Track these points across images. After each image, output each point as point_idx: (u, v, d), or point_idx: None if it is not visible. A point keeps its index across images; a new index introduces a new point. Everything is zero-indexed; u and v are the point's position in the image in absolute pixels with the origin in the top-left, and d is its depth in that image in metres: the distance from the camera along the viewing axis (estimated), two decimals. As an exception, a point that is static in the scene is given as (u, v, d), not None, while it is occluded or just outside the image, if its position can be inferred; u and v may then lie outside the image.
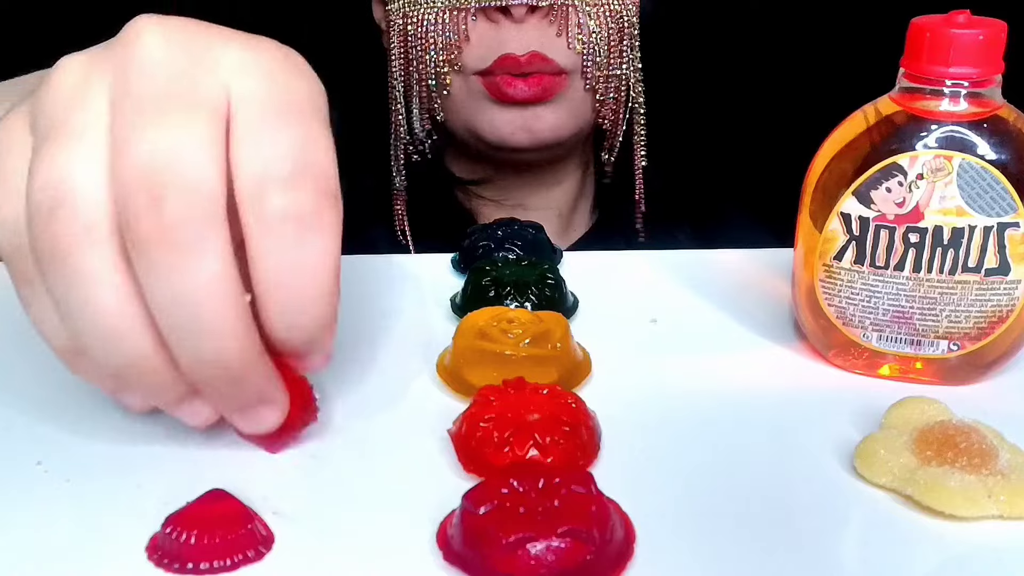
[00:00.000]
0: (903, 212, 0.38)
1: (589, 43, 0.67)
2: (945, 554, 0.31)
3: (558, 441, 0.34)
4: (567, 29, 0.66)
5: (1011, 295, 0.38)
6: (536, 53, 0.65)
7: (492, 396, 0.35)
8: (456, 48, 0.67)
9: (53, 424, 0.37)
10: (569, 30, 0.66)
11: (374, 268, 0.51)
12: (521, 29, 0.65)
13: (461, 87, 0.68)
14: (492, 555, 0.28)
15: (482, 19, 0.66)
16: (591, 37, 0.67)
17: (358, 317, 0.46)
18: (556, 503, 0.29)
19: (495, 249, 0.49)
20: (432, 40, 0.67)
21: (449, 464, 0.35)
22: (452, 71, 0.68)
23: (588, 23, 0.66)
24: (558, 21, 0.66)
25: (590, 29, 0.66)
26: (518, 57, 0.65)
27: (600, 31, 0.67)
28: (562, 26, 0.66)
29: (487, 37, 0.66)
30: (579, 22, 0.66)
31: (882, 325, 0.39)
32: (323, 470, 0.35)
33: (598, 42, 0.67)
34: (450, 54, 0.67)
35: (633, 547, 0.30)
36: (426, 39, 0.67)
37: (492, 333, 0.39)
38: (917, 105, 0.37)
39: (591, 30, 0.66)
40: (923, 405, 0.36)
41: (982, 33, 0.36)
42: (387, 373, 0.41)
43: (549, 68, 0.66)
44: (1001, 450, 0.33)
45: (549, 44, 0.66)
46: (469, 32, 0.66)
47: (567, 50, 0.66)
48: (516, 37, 0.65)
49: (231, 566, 0.30)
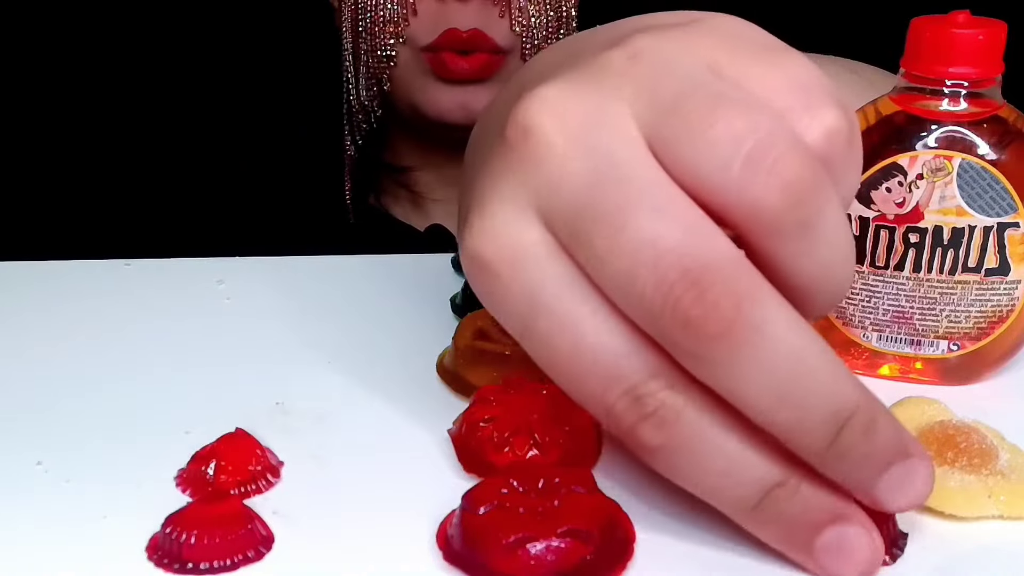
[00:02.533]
0: (903, 212, 0.38)
1: (528, 27, 0.71)
2: (945, 554, 0.31)
3: (558, 441, 0.34)
4: (509, 12, 0.70)
5: (1011, 295, 0.38)
6: (478, 31, 0.69)
7: (492, 396, 0.35)
8: (403, 21, 0.70)
9: (53, 424, 0.37)
10: (512, 13, 0.70)
11: (374, 268, 0.51)
12: (465, 9, 0.69)
13: (407, 61, 0.72)
14: (492, 555, 0.28)
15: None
16: (530, 20, 0.71)
17: (358, 317, 0.46)
18: (556, 503, 0.29)
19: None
20: (380, 13, 0.71)
21: (449, 464, 0.35)
22: (398, 44, 0.71)
23: (528, 7, 0.71)
24: (500, 3, 0.70)
25: (529, 13, 0.71)
26: (461, 33, 0.69)
27: (539, 16, 0.71)
28: (504, 8, 0.70)
29: (433, 13, 0.70)
30: (520, 6, 0.70)
31: (882, 325, 0.40)
32: (323, 470, 0.35)
33: (536, 25, 0.71)
34: (397, 27, 0.71)
35: (633, 547, 0.30)
36: (375, 12, 0.71)
37: (492, 333, 0.39)
38: (917, 105, 0.37)
39: (530, 14, 0.71)
40: (923, 405, 0.36)
41: (982, 33, 0.36)
42: (387, 373, 0.41)
43: (489, 47, 0.70)
44: (1001, 450, 0.33)
45: (491, 24, 0.70)
46: (417, 6, 0.70)
47: (508, 31, 0.70)
48: (460, 15, 0.69)
49: (231, 566, 0.30)
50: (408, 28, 0.71)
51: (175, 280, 0.49)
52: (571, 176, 0.28)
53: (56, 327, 0.45)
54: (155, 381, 0.40)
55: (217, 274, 0.49)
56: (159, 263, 0.51)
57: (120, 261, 0.51)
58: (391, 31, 0.71)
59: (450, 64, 0.70)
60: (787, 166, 0.27)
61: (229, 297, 0.48)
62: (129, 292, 0.48)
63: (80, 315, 0.46)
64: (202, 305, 0.47)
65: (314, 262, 0.51)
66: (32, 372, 0.41)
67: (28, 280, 0.49)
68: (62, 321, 0.45)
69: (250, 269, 0.50)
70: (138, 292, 0.48)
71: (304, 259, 0.51)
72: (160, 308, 0.46)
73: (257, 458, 0.34)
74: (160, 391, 0.40)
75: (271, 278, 0.49)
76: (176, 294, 0.48)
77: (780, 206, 0.27)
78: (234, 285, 0.49)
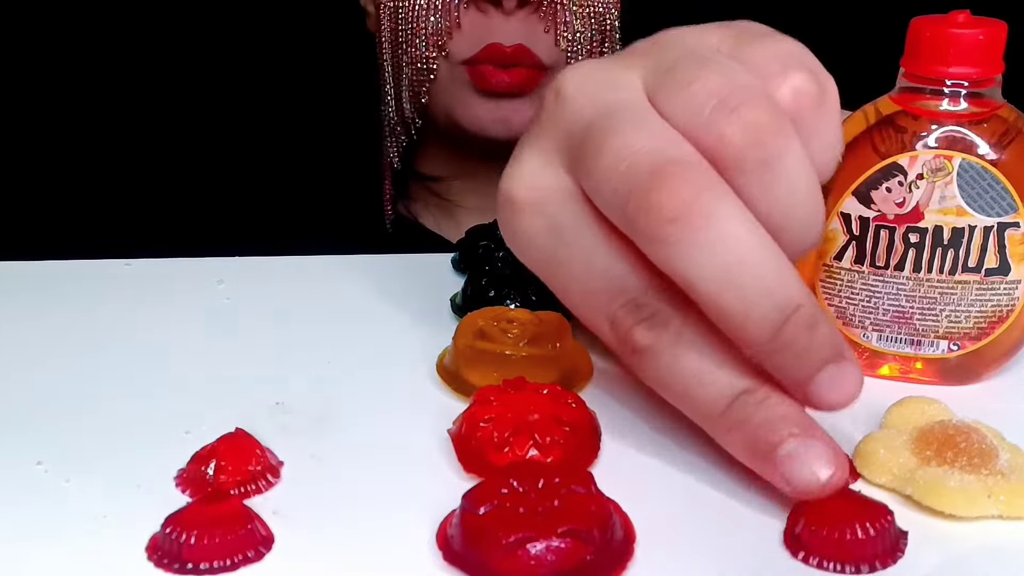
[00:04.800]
0: (903, 212, 0.38)
1: (573, 41, 0.69)
2: (945, 554, 0.31)
3: (558, 441, 0.34)
4: (555, 26, 0.68)
5: (1011, 295, 0.38)
6: (522, 46, 0.68)
7: (492, 396, 0.35)
8: (446, 34, 0.69)
9: (53, 424, 0.37)
10: (557, 27, 0.68)
11: (374, 268, 0.51)
12: (509, 22, 0.68)
13: (446, 75, 0.70)
14: (492, 555, 0.28)
15: (473, 8, 0.68)
16: (575, 36, 0.69)
17: (358, 317, 0.46)
18: (556, 503, 0.29)
19: (495, 249, 0.49)
20: (422, 25, 0.69)
21: (449, 464, 0.35)
22: (440, 57, 0.70)
23: (574, 22, 0.69)
24: (546, 18, 0.68)
25: (575, 28, 0.69)
26: (504, 47, 0.67)
27: (584, 31, 0.70)
28: (550, 23, 0.68)
29: (476, 26, 0.68)
30: (566, 20, 0.68)
31: (882, 325, 0.40)
32: (323, 470, 0.35)
33: (581, 41, 0.70)
34: (439, 39, 0.69)
35: (633, 547, 0.30)
36: (416, 24, 0.69)
37: (492, 333, 0.39)
38: (917, 105, 0.37)
39: (576, 29, 0.69)
40: (923, 405, 0.36)
41: (982, 33, 0.36)
42: (387, 373, 0.41)
43: (532, 62, 0.68)
44: (1001, 450, 0.33)
45: (535, 39, 0.68)
46: (460, 19, 0.68)
47: (552, 46, 0.69)
48: (504, 29, 0.68)
49: (231, 566, 0.30)
50: (451, 42, 0.69)
51: (175, 280, 0.49)
52: (582, 120, 0.34)
53: (56, 327, 0.45)
54: (155, 381, 0.40)
55: (217, 274, 0.49)
56: (159, 263, 0.51)
57: (120, 261, 0.51)
58: (434, 44, 0.69)
59: (490, 77, 0.68)
60: (750, 110, 0.31)
61: (229, 297, 0.48)
62: (129, 292, 0.48)
63: (80, 315, 0.46)
64: (202, 305, 0.47)
65: (314, 262, 0.51)
66: (32, 372, 0.41)
67: (28, 280, 0.49)
68: (62, 321, 0.45)
69: (250, 269, 0.50)
70: (138, 292, 0.48)
71: (304, 259, 0.51)
72: (160, 308, 0.46)
73: (257, 458, 0.34)
74: (160, 391, 0.40)
75: (271, 278, 0.49)
76: (176, 294, 0.48)
77: (741, 143, 0.31)
78: (234, 285, 0.49)
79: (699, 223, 0.30)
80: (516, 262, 0.47)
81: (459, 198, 0.79)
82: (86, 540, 0.31)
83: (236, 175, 0.80)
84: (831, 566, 0.30)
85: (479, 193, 0.78)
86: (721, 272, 0.30)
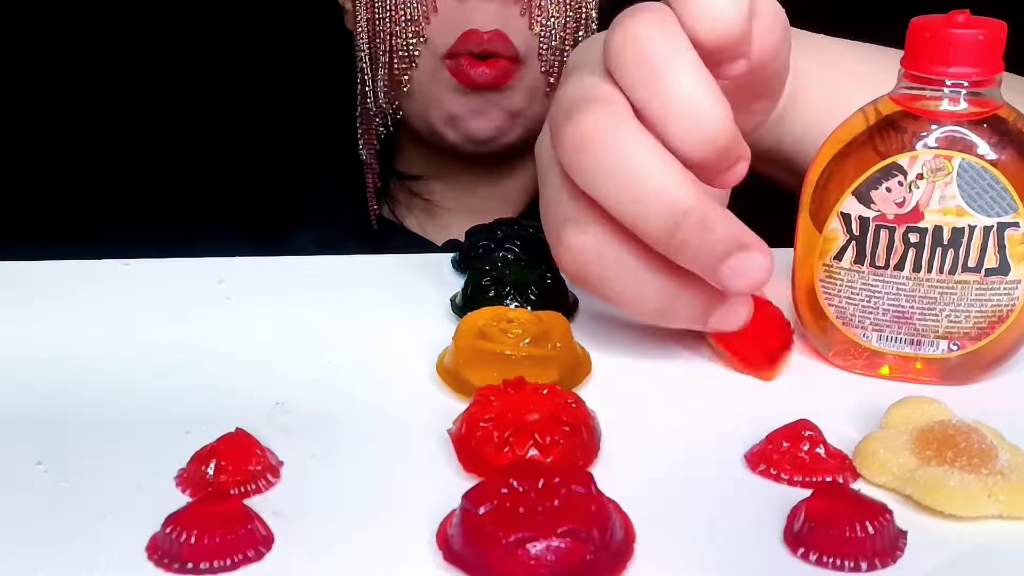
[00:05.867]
0: (903, 212, 0.38)
1: (547, 27, 0.70)
2: (945, 554, 0.31)
3: (558, 441, 0.34)
4: (530, 11, 0.69)
5: (1011, 295, 0.38)
6: (498, 31, 0.68)
7: (492, 396, 0.35)
8: (423, 19, 0.69)
9: (53, 424, 0.37)
10: (532, 11, 0.69)
11: (374, 268, 0.51)
12: (485, 7, 0.68)
13: (428, 68, 0.71)
14: (492, 555, 0.28)
15: None
16: (549, 20, 0.70)
17: (358, 317, 0.46)
18: (556, 503, 0.29)
19: (495, 249, 0.49)
20: (401, 13, 0.70)
21: (449, 464, 0.35)
22: (419, 43, 0.70)
23: (548, 7, 0.70)
24: (521, 2, 0.69)
25: (549, 12, 0.70)
26: (481, 33, 0.68)
27: (559, 16, 0.71)
28: (524, 7, 0.69)
29: (452, 10, 0.69)
30: (540, 4, 0.69)
31: (882, 325, 0.40)
32: (323, 470, 0.35)
33: (555, 26, 0.71)
34: (417, 26, 0.70)
35: (633, 547, 0.30)
36: (395, 11, 0.70)
37: (492, 333, 0.39)
38: (917, 105, 0.37)
39: (551, 14, 0.70)
40: (923, 405, 0.36)
41: (982, 33, 0.36)
42: (387, 373, 0.41)
43: (508, 51, 0.69)
44: (1001, 450, 0.33)
45: (510, 24, 0.69)
46: (437, 3, 0.69)
47: (527, 31, 0.70)
48: (480, 14, 0.68)
49: (231, 566, 0.30)
50: (428, 27, 0.70)
51: (175, 280, 0.49)
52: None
53: (56, 327, 0.45)
54: (155, 381, 0.40)
55: (217, 274, 0.49)
56: (159, 263, 0.51)
57: (120, 261, 0.51)
58: (411, 30, 0.70)
59: (469, 69, 0.69)
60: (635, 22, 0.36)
61: (229, 297, 0.48)
62: (129, 292, 0.48)
63: (80, 315, 0.46)
64: (202, 305, 0.47)
65: (314, 262, 0.51)
66: (32, 372, 0.41)
67: (28, 280, 0.49)
68: (62, 321, 0.45)
69: (250, 269, 0.50)
70: (138, 292, 0.48)
71: (304, 259, 0.51)
72: (160, 308, 0.46)
73: (257, 458, 0.34)
74: (160, 391, 0.40)
75: (271, 278, 0.49)
76: (176, 294, 0.48)
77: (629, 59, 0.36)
78: (234, 285, 0.49)
79: (597, 148, 0.36)
80: (516, 262, 0.47)
81: (441, 199, 0.79)
82: (86, 540, 0.31)
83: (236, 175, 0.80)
84: (830, 563, 0.30)
85: (462, 192, 0.78)
86: (617, 187, 0.36)
